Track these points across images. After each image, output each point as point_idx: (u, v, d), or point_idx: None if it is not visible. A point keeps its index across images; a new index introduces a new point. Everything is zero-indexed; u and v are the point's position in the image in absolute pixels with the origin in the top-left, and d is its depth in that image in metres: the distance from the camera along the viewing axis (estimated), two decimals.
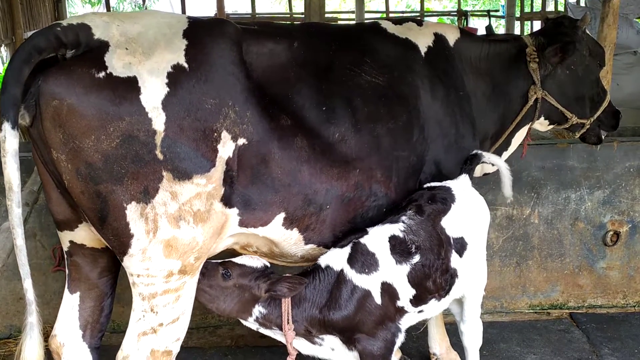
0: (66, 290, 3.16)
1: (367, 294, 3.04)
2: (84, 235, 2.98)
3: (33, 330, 2.72)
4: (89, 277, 3.12)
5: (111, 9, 16.44)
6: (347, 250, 3.11)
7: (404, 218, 3.18)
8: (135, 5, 22.90)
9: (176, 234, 2.73)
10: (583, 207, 4.94)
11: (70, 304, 3.15)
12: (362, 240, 3.11)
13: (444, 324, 4.17)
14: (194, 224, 2.76)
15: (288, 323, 3.04)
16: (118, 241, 2.72)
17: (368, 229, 3.18)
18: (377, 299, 3.05)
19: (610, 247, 5.01)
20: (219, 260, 3.06)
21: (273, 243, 3.20)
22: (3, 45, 11.73)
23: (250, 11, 16.52)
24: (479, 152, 3.54)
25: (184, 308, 2.90)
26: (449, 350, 4.19)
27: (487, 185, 4.65)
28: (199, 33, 2.85)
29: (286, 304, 3.03)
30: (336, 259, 3.11)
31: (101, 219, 2.67)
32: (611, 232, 4.98)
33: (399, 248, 3.10)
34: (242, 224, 3.00)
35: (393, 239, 3.12)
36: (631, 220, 4.98)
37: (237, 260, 3.06)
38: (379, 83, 3.29)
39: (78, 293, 3.14)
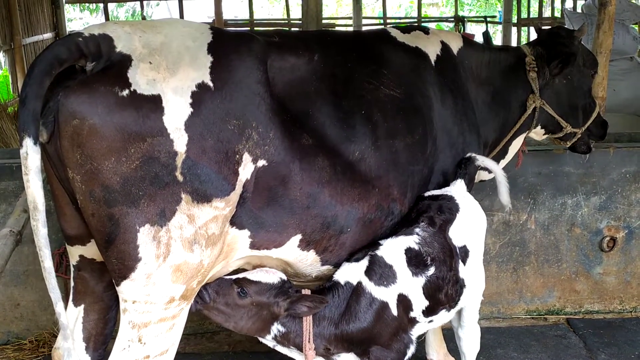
0: (70, 303, 3.09)
1: (384, 306, 3.02)
2: (95, 249, 2.83)
3: (71, 356, 2.61)
4: (94, 291, 3.06)
5: (109, 15, 16.44)
6: (364, 263, 3.08)
7: (417, 230, 3.16)
8: (132, 13, 22.90)
9: (188, 259, 2.63)
10: (579, 213, 4.95)
11: (74, 316, 3.08)
12: (379, 252, 3.08)
13: (441, 330, 4.18)
14: (205, 247, 2.66)
15: (309, 342, 2.98)
16: (122, 265, 2.57)
17: (381, 242, 3.15)
18: (394, 310, 3.03)
19: (607, 253, 5.03)
20: (233, 277, 2.97)
21: (287, 264, 3.13)
22: (2, 51, 11.73)
23: (247, 17, 16.52)
24: (473, 155, 3.51)
25: (174, 339, 2.79)
26: (447, 356, 4.20)
27: (484, 191, 4.66)
28: (225, 49, 2.73)
29: (307, 322, 2.97)
30: (353, 272, 3.08)
31: (109, 241, 2.54)
32: (607, 238, 4.99)
33: (415, 260, 3.09)
34: (253, 246, 2.92)
35: (409, 251, 3.10)
36: (627, 225, 5.00)
37: (252, 276, 2.96)
38: (397, 96, 3.24)
39: (82, 306, 3.07)
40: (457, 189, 3.41)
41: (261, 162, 2.74)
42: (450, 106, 3.48)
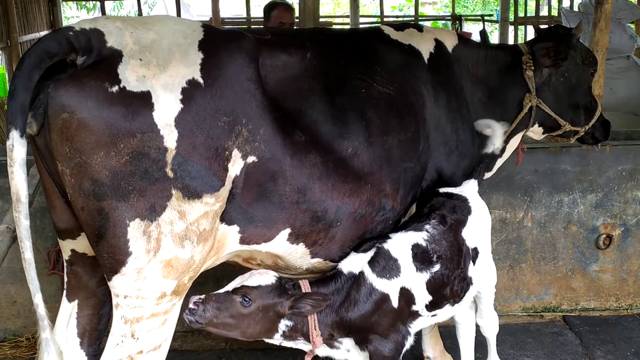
0: (64, 298, 3.11)
1: (385, 298, 3.06)
2: (86, 244, 2.83)
3: (49, 346, 2.58)
4: (87, 286, 3.07)
5: (106, 14, 16.41)
6: (369, 254, 3.13)
7: (427, 227, 3.21)
8: (129, 11, 22.87)
9: (179, 254, 2.64)
10: (576, 211, 4.96)
11: (68, 311, 3.10)
12: (386, 245, 3.13)
13: (438, 327, 4.19)
14: (196, 243, 2.68)
15: (316, 329, 3.01)
16: (112, 259, 2.59)
17: (391, 235, 3.20)
18: (394, 302, 3.08)
19: (603, 250, 5.04)
20: (229, 288, 2.95)
21: (277, 257, 3.15)
22: None
23: (245, 15, 16.52)
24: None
25: (167, 334, 2.80)
26: (443, 353, 4.21)
27: (481, 188, 4.65)
28: (216, 46, 2.75)
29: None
30: (357, 262, 3.12)
31: (99, 235, 2.56)
32: (604, 236, 5.01)
33: (421, 256, 3.14)
34: (243, 241, 2.93)
35: (416, 247, 3.14)
36: (623, 223, 5.01)
37: (249, 282, 2.95)
38: (390, 93, 3.25)
39: (76, 301, 3.09)
40: (470, 190, 3.47)
41: (251, 159, 2.75)
42: (444, 104, 3.49)
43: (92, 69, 2.49)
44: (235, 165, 2.71)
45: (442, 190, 3.42)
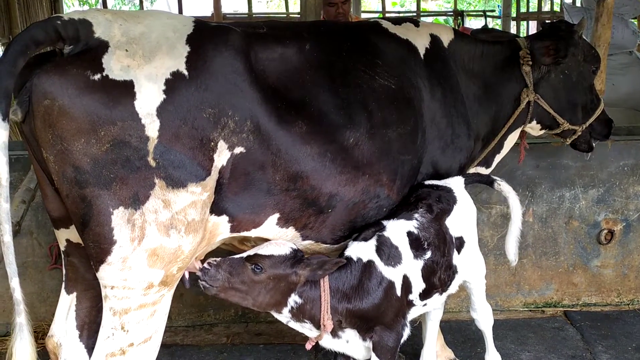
0: (63, 291, 3.13)
1: (391, 285, 3.12)
2: None
3: (23, 331, 2.62)
4: (85, 278, 3.09)
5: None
6: (373, 242, 3.17)
7: (416, 216, 3.27)
8: (132, 7, 22.87)
9: (164, 243, 2.66)
10: (577, 206, 4.96)
11: (67, 304, 3.12)
12: (386, 233, 3.19)
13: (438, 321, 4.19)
14: (184, 233, 2.70)
15: (327, 312, 3.03)
16: (98, 248, 2.62)
17: (384, 222, 3.25)
18: (398, 290, 3.13)
19: (605, 246, 5.04)
20: (243, 255, 2.99)
21: (268, 240, 3.17)
22: (0, 44, 11.72)
23: (247, 11, 16.50)
24: (497, 179, 3.66)
25: (157, 326, 2.81)
26: (444, 347, 4.22)
27: (481, 184, 4.66)
28: (203, 40, 2.79)
29: (325, 293, 3.03)
30: (364, 251, 3.15)
31: (84, 223, 2.59)
32: (605, 231, 5.01)
33: (415, 244, 3.21)
34: (233, 229, 2.96)
35: (410, 235, 3.21)
36: (625, 218, 5.01)
37: (262, 251, 2.99)
38: (390, 86, 3.28)
39: (75, 293, 3.11)
40: (456, 183, 3.50)
41: (238, 150, 2.78)
42: (439, 98, 3.51)
43: (76, 57, 2.54)
44: (222, 156, 2.74)
45: (428, 182, 3.47)
